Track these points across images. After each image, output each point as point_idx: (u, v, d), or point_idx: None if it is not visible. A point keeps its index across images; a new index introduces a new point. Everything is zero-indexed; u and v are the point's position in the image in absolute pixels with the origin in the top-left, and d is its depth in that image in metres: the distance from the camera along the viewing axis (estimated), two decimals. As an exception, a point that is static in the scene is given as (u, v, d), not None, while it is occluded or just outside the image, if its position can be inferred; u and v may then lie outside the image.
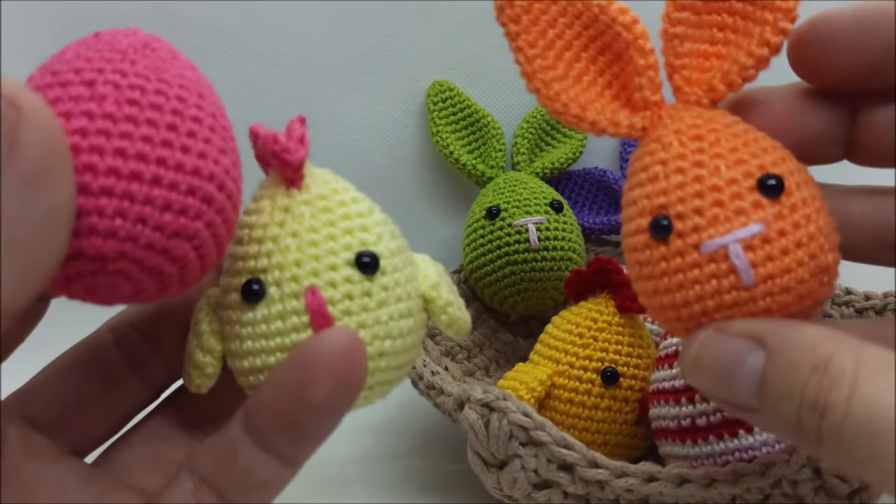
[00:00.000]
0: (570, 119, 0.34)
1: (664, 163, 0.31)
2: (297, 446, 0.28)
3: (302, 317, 0.29)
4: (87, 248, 0.25)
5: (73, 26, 0.66)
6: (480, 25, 0.72)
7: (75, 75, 0.26)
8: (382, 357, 0.30)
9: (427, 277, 0.33)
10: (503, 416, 0.39)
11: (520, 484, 0.40)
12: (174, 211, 0.26)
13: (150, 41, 0.29)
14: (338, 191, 0.31)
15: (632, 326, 0.51)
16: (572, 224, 0.65)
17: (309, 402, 0.27)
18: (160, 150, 0.26)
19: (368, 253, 0.30)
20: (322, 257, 0.29)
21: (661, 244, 0.31)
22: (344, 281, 0.29)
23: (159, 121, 0.26)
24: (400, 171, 0.74)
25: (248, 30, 0.69)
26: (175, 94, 0.27)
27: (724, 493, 0.39)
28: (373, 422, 0.60)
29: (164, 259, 0.27)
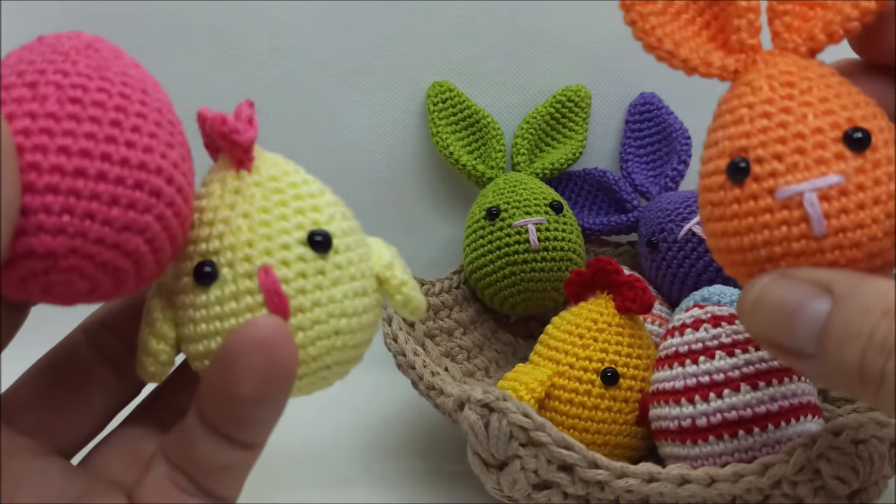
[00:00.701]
0: (662, 54, 0.35)
1: (751, 106, 0.32)
2: (245, 432, 0.29)
3: (256, 296, 0.29)
4: (36, 246, 0.25)
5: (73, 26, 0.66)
6: (480, 25, 0.72)
7: (18, 78, 0.26)
8: (339, 335, 0.30)
9: (381, 258, 0.33)
10: (503, 417, 0.39)
11: (520, 484, 0.40)
12: (122, 205, 0.26)
13: (93, 42, 0.29)
14: (288, 172, 0.31)
15: (632, 327, 0.51)
16: (572, 225, 0.65)
17: (239, 398, 0.27)
18: (104, 145, 0.26)
19: (321, 231, 0.30)
20: (274, 237, 0.29)
21: (737, 186, 0.31)
22: (297, 259, 0.29)
23: (102, 117, 0.26)
24: (400, 171, 0.73)
25: (248, 30, 0.69)
26: (118, 90, 0.27)
27: (724, 494, 0.39)
28: (373, 422, 0.60)
29: (116, 254, 0.27)
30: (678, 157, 0.70)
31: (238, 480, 0.31)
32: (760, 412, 0.42)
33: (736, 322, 0.46)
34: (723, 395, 0.43)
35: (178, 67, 0.68)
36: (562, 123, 0.73)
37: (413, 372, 0.50)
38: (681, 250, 0.61)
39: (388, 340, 0.53)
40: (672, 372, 0.45)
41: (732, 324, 0.46)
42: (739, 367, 0.44)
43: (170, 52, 0.68)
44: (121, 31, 0.66)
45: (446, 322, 0.61)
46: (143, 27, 0.67)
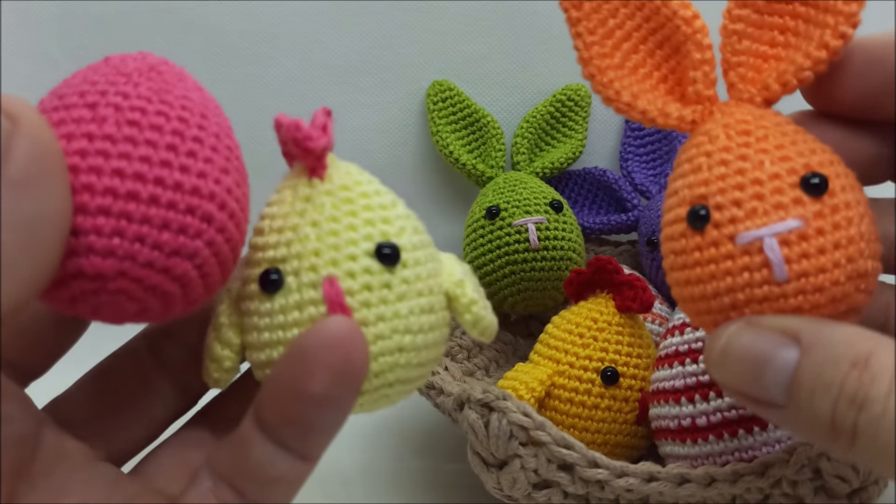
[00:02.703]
0: (621, 107, 0.35)
1: (709, 154, 0.32)
2: (305, 439, 0.28)
3: (319, 307, 0.28)
4: (86, 267, 0.25)
5: (73, 26, 0.66)
6: (480, 25, 0.72)
7: (79, 98, 0.27)
8: (402, 352, 0.29)
9: (451, 275, 0.32)
10: (503, 416, 0.39)
11: (520, 484, 0.40)
12: (172, 230, 0.26)
13: (158, 64, 0.29)
14: (361, 182, 0.31)
15: (632, 326, 0.51)
16: (572, 224, 0.65)
17: (308, 396, 0.27)
18: (158, 170, 0.26)
19: (389, 244, 0.29)
20: (341, 247, 0.29)
21: (698, 234, 0.31)
22: (363, 271, 0.29)
23: (159, 141, 0.27)
24: (400, 171, 0.74)
25: (248, 30, 0.69)
26: (176, 114, 0.27)
27: (724, 493, 0.39)
28: (373, 422, 0.60)
29: (165, 278, 0.27)
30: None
31: (286, 496, 0.30)
32: (760, 411, 0.42)
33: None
34: (723, 394, 0.43)
35: (177, 67, 0.68)
36: (562, 122, 0.73)
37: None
38: (681, 249, 0.61)
39: (388, 340, 0.53)
40: (672, 371, 0.45)
41: (732, 323, 0.46)
42: (739, 366, 0.44)
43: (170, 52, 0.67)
44: (121, 31, 0.67)
45: (446, 321, 0.61)
46: (143, 27, 0.67)
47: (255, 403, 0.28)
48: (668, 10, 0.34)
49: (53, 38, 0.66)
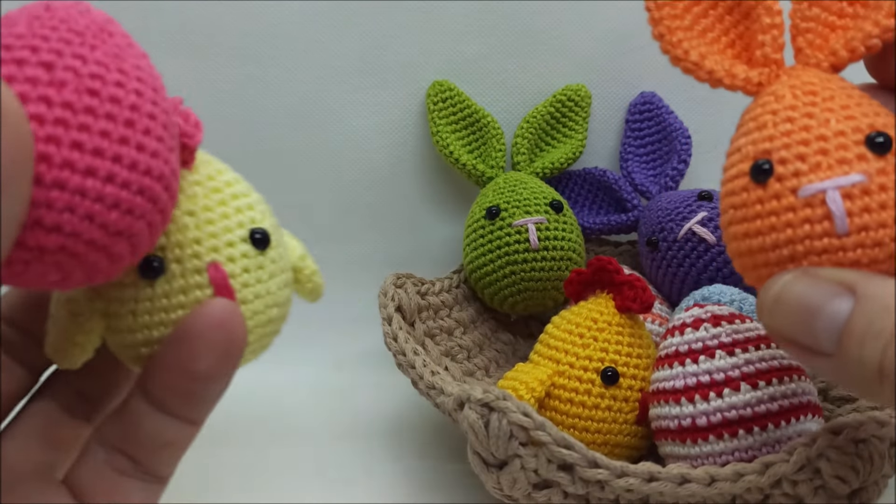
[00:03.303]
0: (689, 66, 0.36)
1: (775, 112, 0.33)
2: (194, 408, 0.31)
3: (205, 290, 0.30)
4: (29, 240, 0.24)
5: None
6: (480, 25, 0.72)
7: (31, 54, 0.25)
8: (271, 323, 0.33)
9: (295, 249, 0.36)
10: (503, 417, 0.39)
11: (520, 484, 0.40)
12: (122, 210, 0.26)
13: (106, 24, 0.28)
14: (221, 171, 0.33)
15: (632, 326, 0.51)
16: (572, 224, 0.65)
17: (195, 373, 0.30)
18: (117, 146, 0.25)
19: (260, 230, 0.32)
20: (220, 234, 0.31)
21: (760, 187, 0.32)
22: (241, 256, 0.31)
23: (118, 115, 0.26)
24: (400, 171, 0.73)
25: (248, 30, 0.69)
26: (133, 87, 0.26)
27: (724, 493, 0.39)
28: (373, 422, 0.60)
29: (102, 255, 0.26)
30: (678, 157, 0.70)
31: (177, 457, 0.33)
32: (760, 411, 0.42)
33: (735, 321, 0.46)
34: (723, 394, 0.43)
35: (177, 68, 0.68)
36: (562, 123, 0.73)
37: (413, 371, 0.50)
38: (681, 249, 0.61)
39: (387, 340, 0.53)
40: (672, 371, 0.45)
41: (732, 323, 0.46)
42: (739, 366, 0.44)
43: (170, 53, 0.68)
44: (121, 31, 0.67)
45: (446, 321, 0.61)
46: (143, 27, 0.67)
47: (141, 379, 0.31)
48: None
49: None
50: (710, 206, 0.61)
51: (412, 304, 0.57)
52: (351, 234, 0.73)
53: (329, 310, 0.62)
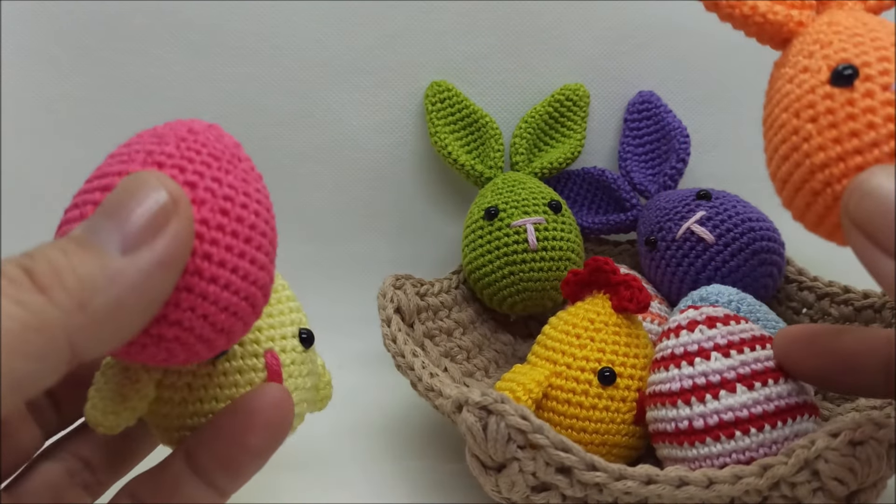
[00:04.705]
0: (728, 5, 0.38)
1: (838, 31, 0.34)
2: (232, 480, 0.33)
3: (259, 373, 0.34)
4: (153, 329, 0.28)
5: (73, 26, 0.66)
6: (480, 25, 0.72)
7: (179, 173, 0.29)
8: (297, 417, 0.36)
9: (318, 356, 0.40)
10: (501, 420, 0.39)
11: (518, 487, 0.40)
12: (230, 312, 0.29)
13: (236, 149, 0.32)
14: (277, 277, 0.37)
15: (629, 326, 0.51)
16: (571, 224, 0.65)
17: (247, 447, 0.32)
18: (237, 259, 0.29)
19: (307, 330, 0.37)
20: (276, 328, 0.35)
21: (846, 90, 0.32)
22: (291, 349, 0.36)
23: (241, 233, 0.29)
24: (399, 171, 0.73)
25: (248, 29, 0.69)
26: (254, 208, 0.30)
27: (723, 495, 0.39)
28: (373, 422, 0.60)
29: (205, 346, 0.30)
30: (677, 156, 0.70)
31: None
32: (757, 413, 0.42)
33: (731, 323, 0.46)
34: (719, 396, 0.43)
35: (178, 67, 0.68)
36: (560, 122, 0.73)
37: (412, 373, 0.50)
38: (679, 249, 0.61)
39: (387, 341, 0.53)
40: (668, 374, 0.45)
41: (727, 325, 0.46)
42: (735, 367, 0.44)
43: (170, 52, 0.68)
44: (121, 31, 0.67)
45: (446, 322, 0.61)
46: (143, 27, 0.67)
47: (189, 448, 0.33)
48: None
49: (53, 38, 0.66)
50: (708, 206, 0.61)
51: (411, 305, 0.57)
52: (350, 234, 0.73)
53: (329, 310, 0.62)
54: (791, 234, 0.62)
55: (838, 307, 0.58)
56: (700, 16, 0.74)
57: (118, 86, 0.68)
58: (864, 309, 0.56)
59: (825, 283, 0.60)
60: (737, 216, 0.60)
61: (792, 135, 0.34)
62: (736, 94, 0.76)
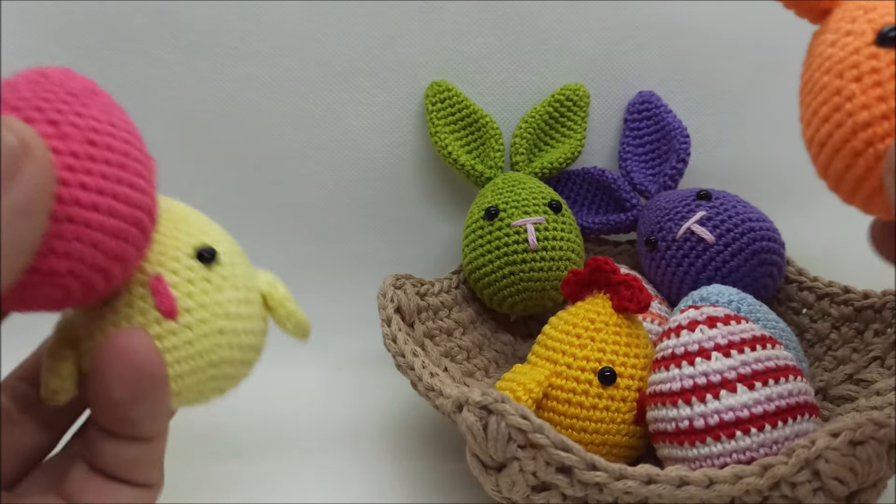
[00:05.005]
0: None
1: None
2: (135, 429, 0.32)
3: (148, 300, 0.32)
4: (42, 265, 0.28)
5: (73, 26, 0.66)
6: (480, 25, 0.72)
7: (38, 113, 0.29)
8: (223, 334, 0.34)
9: (265, 277, 0.37)
10: (501, 419, 0.39)
11: (518, 486, 0.40)
12: (120, 238, 0.30)
13: (93, 86, 0.32)
14: (178, 205, 0.36)
15: (629, 326, 0.51)
16: (571, 224, 0.65)
17: (114, 401, 0.31)
18: (114, 185, 0.29)
19: (206, 247, 0.34)
20: (166, 252, 0.33)
21: (892, 50, 0.32)
22: (185, 269, 0.33)
23: (113, 160, 0.30)
24: (399, 171, 0.73)
25: (248, 29, 0.69)
26: (122, 137, 0.31)
27: (723, 495, 0.39)
28: (373, 422, 0.60)
29: (101, 276, 0.30)
30: (677, 156, 0.70)
31: (150, 466, 0.34)
32: (757, 412, 0.43)
33: (731, 323, 0.46)
34: (719, 396, 0.43)
35: (178, 67, 0.68)
36: (560, 122, 0.73)
37: (412, 373, 0.50)
38: (680, 249, 0.61)
39: (387, 341, 0.53)
40: (669, 374, 0.46)
41: (728, 325, 0.46)
42: (736, 367, 0.44)
43: (170, 52, 0.68)
44: (121, 32, 0.67)
45: (446, 322, 0.61)
46: (143, 27, 0.67)
47: (89, 408, 0.33)
48: None
49: (53, 38, 0.66)
50: (708, 206, 0.61)
51: (411, 305, 0.57)
52: (350, 234, 0.73)
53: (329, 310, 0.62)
54: (791, 234, 0.62)
55: (838, 307, 0.58)
56: (700, 16, 0.74)
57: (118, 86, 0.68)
58: (865, 309, 0.56)
59: (825, 284, 0.60)
60: (737, 216, 0.60)
61: (834, 95, 0.34)
62: (736, 94, 0.76)
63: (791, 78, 0.37)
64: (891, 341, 0.53)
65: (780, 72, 0.71)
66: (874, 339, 0.55)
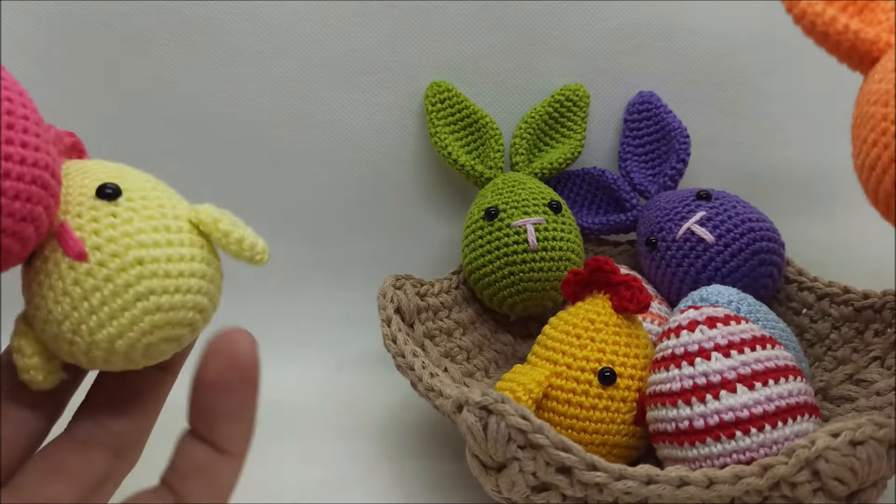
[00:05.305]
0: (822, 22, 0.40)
1: None
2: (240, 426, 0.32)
3: (57, 249, 0.32)
4: None
5: (73, 27, 0.66)
6: (480, 25, 0.72)
7: None
8: (143, 264, 0.32)
9: (193, 206, 0.35)
10: (501, 420, 0.39)
11: (518, 487, 0.40)
12: (22, 199, 0.29)
13: None
14: (89, 162, 0.35)
15: (629, 326, 0.51)
16: (571, 224, 0.65)
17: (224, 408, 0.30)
18: (5, 146, 0.29)
19: (109, 185, 0.33)
20: (71, 200, 0.33)
21: None
22: (89, 209, 0.32)
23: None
24: (399, 171, 0.73)
25: (248, 29, 0.69)
26: (4, 95, 0.30)
27: (723, 495, 0.39)
28: (372, 422, 0.60)
29: (13, 240, 0.29)
30: (677, 156, 0.70)
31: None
32: (757, 413, 0.43)
33: (731, 323, 0.46)
34: (719, 396, 0.43)
35: (178, 67, 0.68)
36: (560, 123, 0.73)
37: (412, 373, 0.50)
38: (680, 249, 0.61)
39: (387, 341, 0.53)
40: (669, 374, 0.46)
41: (728, 325, 0.46)
42: (736, 367, 0.44)
43: (170, 52, 0.68)
44: (121, 31, 0.67)
45: (446, 322, 0.61)
46: (143, 27, 0.67)
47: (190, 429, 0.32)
48: None
49: (53, 38, 0.66)
50: (708, 206, 0.61)
51: (411, 305, 0.57)
52: (350, 234, 0.73)
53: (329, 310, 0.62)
54: (791, 234, 0.62)
55: (838, 307, 0.58)
56: (700, 16, 0.74)
57: (118, 86, 0.68)
58: (864, 309, 0.56)
59: (825, 284, 0.60)
60: (737, 216, 0.60)
61: (882, 121, 0.36)
62: (736, 94, 0.76)
63: (791, 78, 0.38)
64: (891, 341, 0.53)
65: (780, 72, 0.71)
66: (874, 339, 0.55)
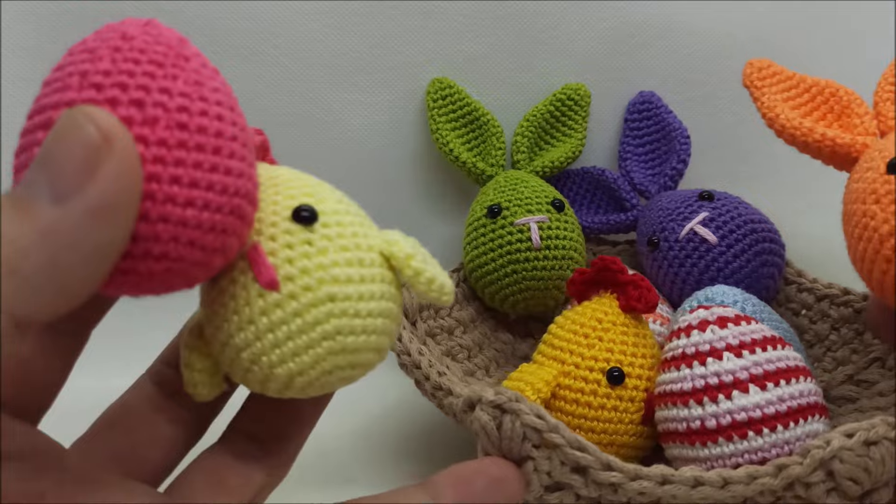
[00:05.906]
0: (802, 131, 0.49)
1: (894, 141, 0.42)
2: None
3: (248, 273, 0.30)
4: (140, 268, 0.26)
5: (73, 26, 0.65)
6: (481, 24, 0.72)
7: (122, 92, 0.26)
8: (334, 301, 0.30)
9: (385, 235, 0.33)
10: (516, 418, 0.39)
11: (532, 486, 0.40)
12: (217, 231, 0.27)
13: (181, 47, 0.28)
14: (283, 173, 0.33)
15: (636, 326, 0.51)
16: (573, 223, 0.65)
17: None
18: (209, 175, 0.27)
19: (306, 207, 0.31)
20: (264, 219, 0.30)
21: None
22: (283, 233, 0.30)
23: (206, 145, 0.27)
24: (400, 170, 0.73)
25: (248, 30, 0.68)
26: (215, 113, 0.28)
27: (737, 496, 0.39)
28: (373, 422, 0.60)
29: (201, 270, 0.28)
30: (677, 156, 0.70)
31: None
32: (770, 413, 0.43)
33: (741, 323, 0.46)
34: (732, 396, 0.43)
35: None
36: (561, 122, 0.73)
37: (418, 371, 0.50)
38: (682, 249, 0.61)
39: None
40: (679, 373, 0.46)
41: (738, 325, 0.46)
42: (748, 367, 0.44)
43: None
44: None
45: (447, 321, 0.60)
46: (142, 25, 0.67)
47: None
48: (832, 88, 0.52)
49: (53, 38, 0.65)
50: (711, 206, 0.61)
51: (413, 303, 0.57)
52: (350, 233, 0.73)
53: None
54: (791, 235, 0.62)
55: (838, 309, 0.59)
56: (700, 16, 0.74)
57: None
58: (864, 310, 0.56)
59: (825, 285, 0.60)
60: (739, 217, 0.60)
61: (863, 217, 0.40)
62: (736, 94, 0.76)
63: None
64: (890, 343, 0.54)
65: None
66: (874, 340, 0.55)
